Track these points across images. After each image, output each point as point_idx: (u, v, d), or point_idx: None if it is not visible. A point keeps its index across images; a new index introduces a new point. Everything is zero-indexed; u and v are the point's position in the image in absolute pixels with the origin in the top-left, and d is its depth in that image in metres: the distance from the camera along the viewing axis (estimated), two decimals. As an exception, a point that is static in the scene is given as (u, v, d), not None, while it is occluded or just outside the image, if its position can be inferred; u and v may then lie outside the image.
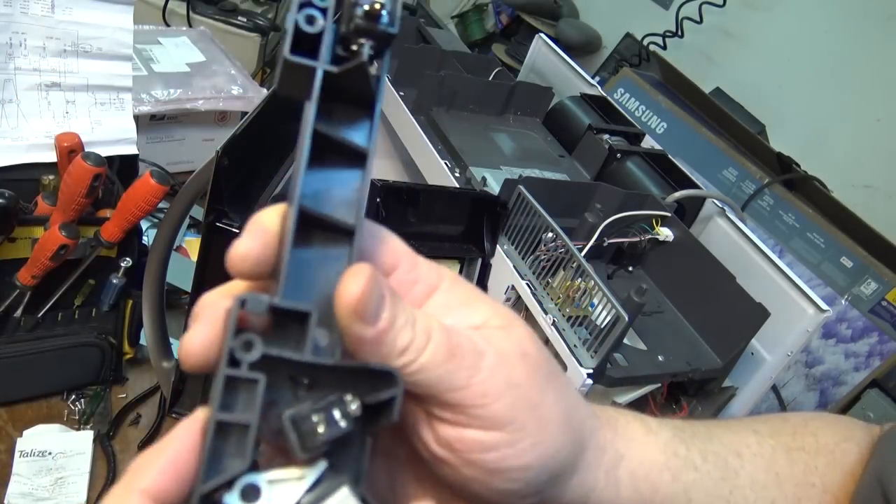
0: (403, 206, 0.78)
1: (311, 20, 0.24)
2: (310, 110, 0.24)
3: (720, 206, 0.93)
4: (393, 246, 0.28)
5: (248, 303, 0.23)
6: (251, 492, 0.23)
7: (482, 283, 0.84)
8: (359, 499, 0.23)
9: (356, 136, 0.26)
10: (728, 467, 0.38)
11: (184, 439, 0.23)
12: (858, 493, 0.40)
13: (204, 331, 0.24)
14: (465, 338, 0.27)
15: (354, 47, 0.24)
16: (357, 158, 0.26)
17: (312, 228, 0.25)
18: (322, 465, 0.24)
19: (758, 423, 0.43)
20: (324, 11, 0.24)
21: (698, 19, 1.70)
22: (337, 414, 0.23)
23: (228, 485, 0.22)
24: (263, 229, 0.25)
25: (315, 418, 0.23)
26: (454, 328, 0.27)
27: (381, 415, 0.24)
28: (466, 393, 0.26)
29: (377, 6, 0.24)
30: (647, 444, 0.35)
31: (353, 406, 0.23)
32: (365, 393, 0.24)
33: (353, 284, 0.24)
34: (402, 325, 0.25)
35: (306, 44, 0.24)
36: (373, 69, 0.25)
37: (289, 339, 0.24)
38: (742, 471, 0.39)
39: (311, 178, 0.25)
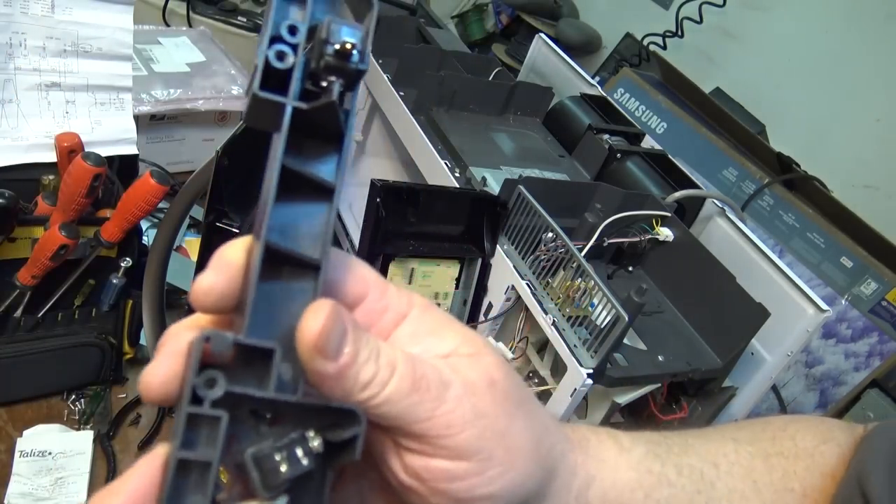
0: (403, 206, 0.78)
1: (281, 56, 0.24)
2: (278, 145, 0.24)
3: (720, 206, 0.93)
4: (362, 275, 0.28)
5: (213, 340, 0.23)
6: None
7: (482, 283, 0.84)
8: None
9: (324, 170, 0.26)
10: (704, 479, 0.38)
11: (144, 475, 0.23)
12: (839, 494, 0.40)
13: (166, 364, 0.24)
14: (431, 368, 0.27)
15: (324, 83, 0.24)
16: (324, 193, 0.26)
17: (278, 263, 0.25)
18: (282, 501, 0.24)
19: (737, 431, 0.43)
20: (294, 48, 0.24)
21: (698, 19, 1.70)
22: (299, 452, 0.23)
23: None
24: (228, 263, 0.25)
25: (277, 457, 0.23)
26: (420, 358, 0.27)
27: (343, 451, 0.24)
28: (431, 424, 0.26)
29: (348, 46, 0.23)
30: (619, 463, 0.35)
31: (315, 443, 0.24)
32: (327, 429, 0.24)
33: (313, 321, 0.24)
34: (365, 360, 0.25)
35: (276, 79, 0.24)
36: (343, 103, 0.25)
37: (252, 374, 0.24)
38: (719, 482, 0.39)
39: (279, 212, 0.25)
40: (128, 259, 0.81)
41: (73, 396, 0.81)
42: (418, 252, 0.80)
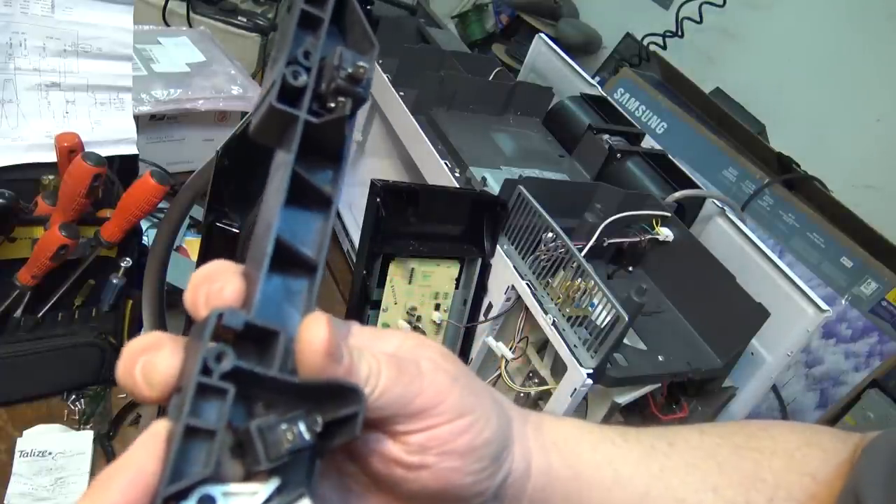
0: (403, 206, 0.78)
1: (296, 75, 0.26)
2: (290, 153, 0.26)
3: (720, 206, 0.93)
4: None
5: (225, 316, 0.24)
6: (207, 503, 0.23)
7: (482, 283, 0.84)
8: None
9: (324, 183, 0.28)
10: (655, 451, 0.37)
11: (148, 451, 0.23)
12: None
13: (173, 356, 0.25)
14: (398, 355, 0.30)
15: (332, 104, 0.27)
16: (323, 203, 0.28)
17: (280, 258, 0.27)
18: (275, 483, 0.24)
19: (707, 426, 0.42)
20: (308, 71, 0.26)
21: (698, 19, 1.70)
22: (302, 426, 0.24)
23: (186, 495, 0.23)
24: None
25: (283, 427, 0.24)
26: (387, 351, 0.30)
27: (341, 430, 0.26)
28: (425, 398, 0.29)
29: (361, 70, 0.26)
30: (557, 420, 0.37)
31: (318, 420, 0.25)
32: (326, 411, 0.25)
33: (320, 330, 0.25)
34: (359, 359, 0.27)
35: (290, 96, 0.26)
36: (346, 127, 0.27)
37: (254, 356, 0.25)
38: (674, 456, 0.37)
39: (286, 217, 0.27)
40: (128, 259, 0.80)
41: (73, 396, 0.81)
42: (418, 252, 0.80)
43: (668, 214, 0.87)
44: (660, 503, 0.36)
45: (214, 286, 0.26)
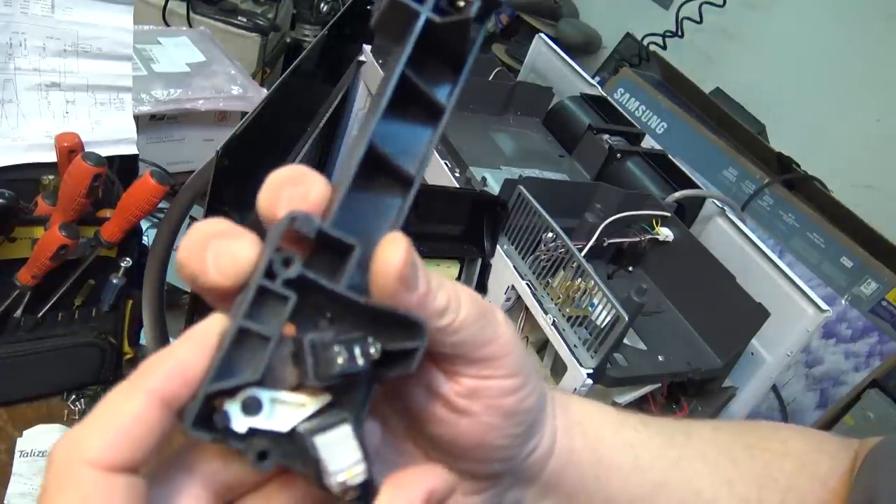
0: (403, 206, 0.78)
1: None
2: (403, 53, 0.24)
3: (720, 206, 0.93)
4: None
5: (299, 220, 0.23)
6: (253, 405, 0.22)
7: (482, 283, 0.84)
8: (358, 440, 0.23)
9: (437, 92, 0.25)
10: (674, 440, 0.37)
11: (197, 344, 0.22)
12: None
13: (253, 247, 0.23)
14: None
15: (461, 3, 0.24)
16: (432, 115, 0.25)
17: (373, 169, 0.25)
18: (325, 399, 0.23)
19: (719, 423, 0.42)
20: None
21: (698, 19, 1.70)
22: (357, 350, 0.23)
23: (232, 394, 0.22)
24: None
25: (336, 348, 0.23)
26: None
27: (397, 364, 0.24)
28: (496, 346, 0.27)
29: None
30: (582, 402, 0.36)
31: (375, 348, 0.23)
32: (387, 339, 0.24)
33: (396, 251, 0.23)
34: (438, 288, 0.25)
35: None
36: (472, 31, 0.25)
37: (325, 269, 0.24)
38: (691, 447, 0.37)
39: (385, 124, 0.24)
40: (128, 259, 0.80)
41: (73, 396, 0.81)
42: (418, 252, 0.80)
43: (668, 214, 0.87)
44: (677, 492, 0.36)
45: (298, 189, 0.23)
